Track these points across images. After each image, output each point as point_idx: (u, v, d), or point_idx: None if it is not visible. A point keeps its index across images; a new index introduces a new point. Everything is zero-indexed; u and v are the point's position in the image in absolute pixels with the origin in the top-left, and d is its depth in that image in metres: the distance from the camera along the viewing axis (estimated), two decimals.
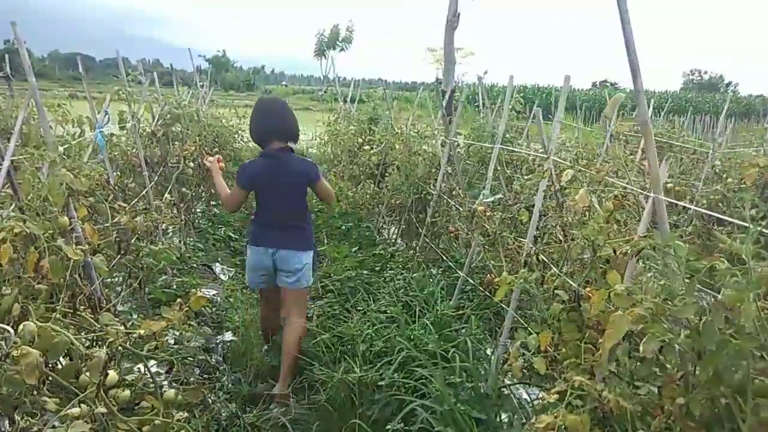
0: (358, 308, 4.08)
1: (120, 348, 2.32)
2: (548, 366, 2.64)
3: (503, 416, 3.13)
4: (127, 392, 2.39)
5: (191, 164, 5.81)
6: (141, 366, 2.80)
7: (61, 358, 2.12)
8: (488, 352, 3.39)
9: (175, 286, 4.84)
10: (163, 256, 3.73)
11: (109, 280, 3.80)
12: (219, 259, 6.06)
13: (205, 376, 3.94)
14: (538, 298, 2.59)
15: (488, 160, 5.38)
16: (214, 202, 7.96)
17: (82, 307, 2.57)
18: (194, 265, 5.60)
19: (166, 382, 3.51)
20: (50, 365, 2.12)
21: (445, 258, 4.75)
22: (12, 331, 1.74)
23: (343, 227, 6.58)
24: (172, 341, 4.05)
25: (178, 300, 2.60)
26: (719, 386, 1.64)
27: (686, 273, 1.82)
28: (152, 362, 3.47)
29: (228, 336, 4.41)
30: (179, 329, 2.72)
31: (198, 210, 7.17)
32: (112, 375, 2.18)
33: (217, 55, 69.29)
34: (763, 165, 4.65)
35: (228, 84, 60.18)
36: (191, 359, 3.98)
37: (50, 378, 2.02)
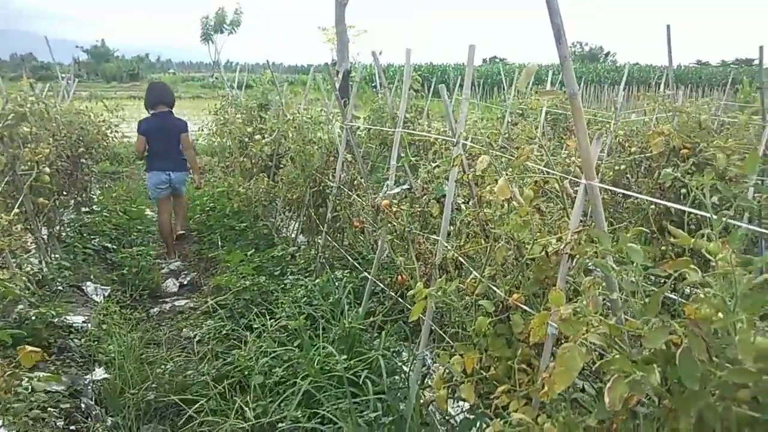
0: (255, 327, 3.52)
1: None
2: (476, 386, 2.25)
3: None
4: None
5: (47, 169, 4.94)
6: None
7: None
8: (405, 367, 2.95)
9: (33, 317, 4.04)
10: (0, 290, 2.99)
11: None
12: (92, 276, 5.25)
13: (71, 427, 3.27)
14: (459, 311, 2.18)
15: (390, 141, 4.94)
16: (86, 209, 7.03)
17: None
18: (60, 287, 4.78)
19: None
20: None
21: (350, 258, 4.27)
22: None
23: (237, 227, 5.95)
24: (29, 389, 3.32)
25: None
26: (702, 430, 1.29)
27: (645, 282, 1.45)
28: None
29: (100, 373, 3.71)
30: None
31: (65, 220, 6.24)
32: None
33: (96, 45, 64.42)
34: (668, 133, 4.53)
35: (110, 75, 56.12)
36: (53, 409, 3.28)
37: None
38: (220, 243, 5.82)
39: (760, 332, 1.27)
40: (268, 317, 3.66)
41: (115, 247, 6.14)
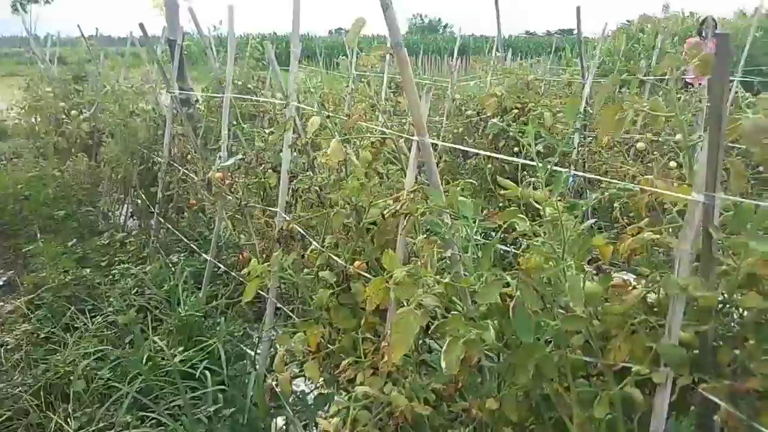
0: (76, 326, 3.11)
1: None
2: (322, 363, 2.12)
3: (279, 421, 2.58)
4: None
5: None
6: None
7: None
8: (252, 352, 2.76)
9: None
10: None
11: None
12: None
13: None
14: (301, 286, 2.02)
15: (234, 114, 4.60)
16: None
17: None
18: None
19: None
20: None
21: (187, 239, 3.93)
22: None
23: (57, 216, 5.26)
24: None
25: None
26: (540, 381, 1.26)
27: (478, 236, 1.39)
28: None
29: None
30: None
31: None
32: None
33: None
34: (500, 94, 4.71)
35: None
36: None
37: None
38: (38, 235, 5.11)
39: (588, 277, 1.25)
40: (94, 314, 3.25)
41: None
